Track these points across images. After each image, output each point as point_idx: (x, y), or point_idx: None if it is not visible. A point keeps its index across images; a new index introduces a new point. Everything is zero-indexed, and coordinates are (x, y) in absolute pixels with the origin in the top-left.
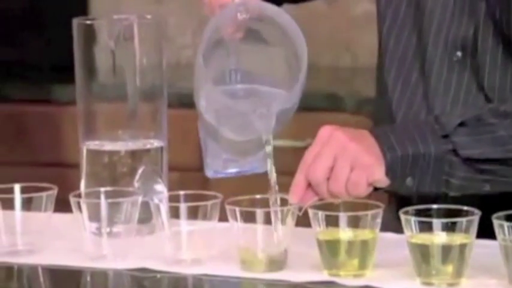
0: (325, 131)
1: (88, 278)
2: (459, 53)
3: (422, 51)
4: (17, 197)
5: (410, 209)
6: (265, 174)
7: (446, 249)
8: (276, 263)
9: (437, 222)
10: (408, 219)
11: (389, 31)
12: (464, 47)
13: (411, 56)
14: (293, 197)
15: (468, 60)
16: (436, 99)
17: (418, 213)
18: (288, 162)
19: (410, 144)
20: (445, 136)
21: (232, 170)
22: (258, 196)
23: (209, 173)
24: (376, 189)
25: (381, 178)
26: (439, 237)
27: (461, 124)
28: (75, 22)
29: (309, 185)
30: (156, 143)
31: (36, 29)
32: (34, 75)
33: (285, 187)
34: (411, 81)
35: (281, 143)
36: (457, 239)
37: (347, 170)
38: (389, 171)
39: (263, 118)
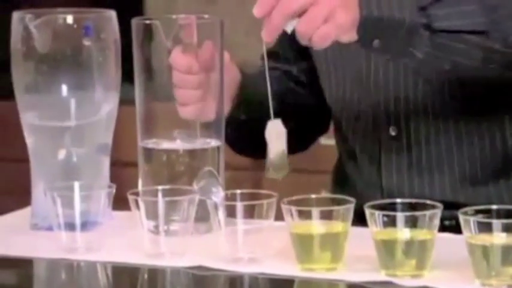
0: None
1: (146, 276)
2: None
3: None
4: (77, 194)
5: (469, 209)
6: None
7: (506, 250)
8: (334, 258)
9: (497, 223)
10: (467, 219)
11: None
12: None
13: None
14: (257, 11)
15: None
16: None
17: (478, 213)
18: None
19: (387, 8)
20: (423, 8)
21: None
22: (313, 195)
23: None
24: None
25: (349, 40)
26: (499, 238)
27: None
28: (134, 22)
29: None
30: (213, 143)
31: None
32: None
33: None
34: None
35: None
36: None
37: (320, 20)
38: (361, 29)
39: None
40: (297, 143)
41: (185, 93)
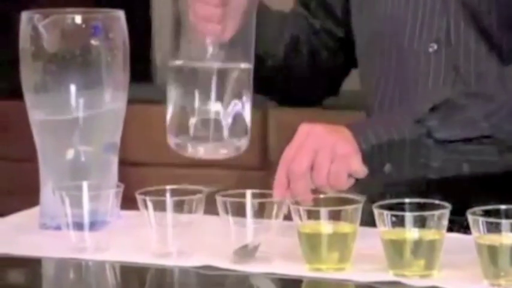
0: (303, 128)
1: (154, 275)
2: (434, 45)
3: (398, 43)
4: (85, 194)
5: (477, 209)
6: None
7: None
8: (342, 259)
9: (506, 223)
10: (476, 219)
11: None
12: (438, 39)
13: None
14: (276, 194)
15: (443, 50)
16: (414, 90)
17: (486, 213)
18: None
19: (384, 132)
20: (419, 121)
21: None
22: (321, 195)
23: None
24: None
25: (359, 168)
26: (507, 238)
27: (434, 108)
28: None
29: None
30: (243, 65)
31: None
32: None
33: None
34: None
35: None
36: None
37: (328, 161)
38: (367, 160)
39: None
40: (319, 87)
41: (205, 8)
